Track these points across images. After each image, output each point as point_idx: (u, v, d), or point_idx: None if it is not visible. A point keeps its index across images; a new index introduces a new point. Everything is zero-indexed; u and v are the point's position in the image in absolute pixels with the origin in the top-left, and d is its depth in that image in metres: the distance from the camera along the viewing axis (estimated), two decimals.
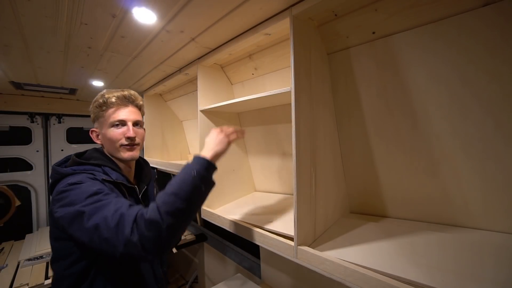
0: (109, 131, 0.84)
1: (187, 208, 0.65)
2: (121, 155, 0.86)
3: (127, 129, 0.86)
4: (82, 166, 0.79)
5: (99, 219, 0.62)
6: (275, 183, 1.31)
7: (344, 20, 0.76)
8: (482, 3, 0.57)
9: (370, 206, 0.95)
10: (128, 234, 0.60)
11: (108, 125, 0.84)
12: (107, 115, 0.85)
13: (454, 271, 0.56)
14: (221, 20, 0.84)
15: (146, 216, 0.62)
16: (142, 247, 0.60)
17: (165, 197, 0.65)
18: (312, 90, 0.78)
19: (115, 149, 0.85)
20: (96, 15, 0.81)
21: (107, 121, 0.85)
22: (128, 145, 0.86)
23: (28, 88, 1.79)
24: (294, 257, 0.73)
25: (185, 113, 1.96)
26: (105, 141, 0.86)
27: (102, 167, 0.81)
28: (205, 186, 0.71)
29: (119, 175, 0.83)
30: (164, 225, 0.61)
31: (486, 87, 0.62)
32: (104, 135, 0.86)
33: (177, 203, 0.63)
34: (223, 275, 1.78)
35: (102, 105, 0.85)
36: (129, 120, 0.87)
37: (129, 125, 0.86)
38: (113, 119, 0.84)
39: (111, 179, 0.78)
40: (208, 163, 0.73)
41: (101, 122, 0.86)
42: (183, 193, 0.65)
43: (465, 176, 0.71)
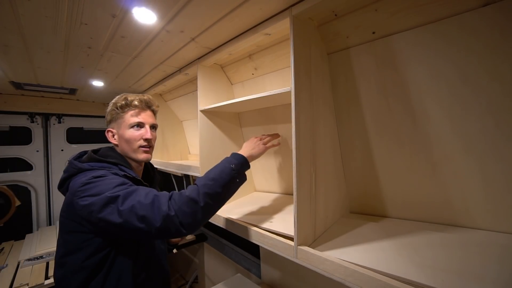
0: (128, 132, 0.88)
1: (223, 194, 0.74)
2: (137, 156, 0.90)
3: (146, 131, 0.91)
4: (100, 163, 0.83)
5: (133, 201, 0.67)
6: (275, 183, 1.31)
7: (344, 20, 0.76)
8: (482, 3, 0.57)
9: (370, 206, 0.95)
10: (166, 209, 0.66)
11: (127, 126, 0.89)
12: (127, 117, 0.89)
13: (454, 271, 0.56)
14: (221, 20, 0.84)
15: (186, 193, 0.69)
16: (179, 222, 0.66)
17: (206, 180, 0.73)
18: (312, 90, 0.78)
19: (132, 150, 0.89)
20: (96, 15, 0.81)
21: (127, 122, 0.89)
22: (145, 146, 0.90)
23: (28, 88, 1.79)
24: (294, 257, 0.73)
25: (185, 113, 1.96)
26: (122, 141, 0.90)
27: (118, 166, 0.84)
28: (239, 178, 0.80)
29: (133, 174, 0.85)
30: (202, 204, 0.69)
31: (487, 87, 0.62)
32: (121, 136, 0.89)
33: (216, 187, 0.72)
34: (223, 275, 1.78)
35: (124, 106, 0.89)
36: (147, 123, 0.92)
37: (147, 128, 0.91)
38: (133, 121, 0.89)
39: (131, 176, 0.82)
40: (245, 160, 0.83)
41: (120, 123, 0.90)
42: (222, 180, 0.74)
43: (466, 176, 0.71)
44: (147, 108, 0.94)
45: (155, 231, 0.66)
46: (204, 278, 2.10)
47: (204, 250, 2.08)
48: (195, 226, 0.69)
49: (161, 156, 1.95)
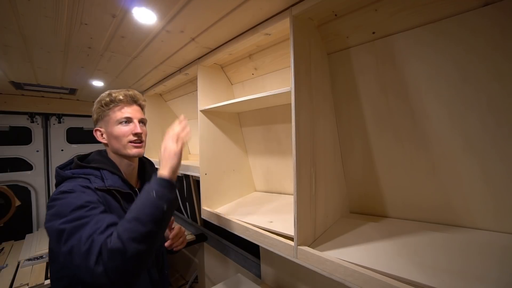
0: (116, 128, 0.86)
1: (151, 231, 0.64)
2: (128, 152, 0.87)
3: (134, 126, 0.88)
4: (82, 170, 0.81)
5: (74, 241, 0.62)
6: (275, 183, 1.31)
7: (344, 20, 0.76)
8: (482, 3, 0.57)
9: (370, 206, 0.95)
10: (93, 264, 0.59)
11: (115, 123, 0.86)
12: (113, 113, 0.87)
13: (455, 271, 0.56)
14: (221, 20, 0.84)
15: (109, 246, 0.60)
16: (108, 278, 0.58)
17: (126, 224, 0.63)
18: (312, 90, 0.78)
19: (122, 146, 0.87)
20: (96, 15, 0.81)
21: (114, 119, 0.86)
22: (135, 141, 0.87)
23: (28, 88, 1.79)
24: (294, 257, 0.73)
25: (185, 113, 1.95)
26: (111, 139, 0.87)
27: (101, 171, 0.82)
28: (168, 204, 0.69)
29: (116, 180, 0.83)
30: (129, 253, 0.59)
31: (487, 86, 0.62)
32: (110, 133, 0.87)
33: (140, 228, 0.62)
34: (223, 275, 1.78)
35: (109, 103, 0.86)
36: (135, 117, 0.89)
37: (135, 122, 0.88)
38: (120, 116, 0.86)
39: (104, 187, 0.77)
40: (166, 182, 0.72)
41: (107, 121, 0.87)
42: (144, 216, 0.64)
43: (466, 176, 0.71)
44: (133, 102, 0.91)
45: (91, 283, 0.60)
46: (204, 278, 2.10)
47: (204, 250, 2.08)
48: (129, 277, 0.61)
49: None
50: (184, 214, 2.53)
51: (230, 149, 1.31)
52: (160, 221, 0.67)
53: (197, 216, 2.22)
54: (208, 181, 1.18)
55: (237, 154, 1.35)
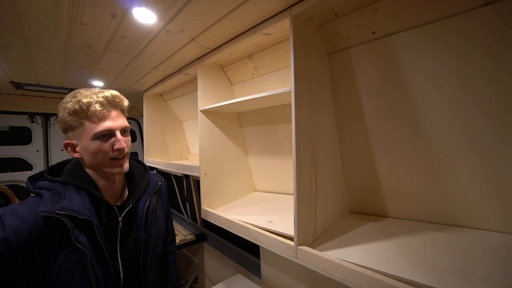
0: (92, 144, 0.70)
1: None
2: (110, 170, 0.73)
3: (116, 140, 0.72)
4: (48, 184, 0.70)
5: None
6: (275, 183, 1.31)
7: (344, 20, 0.76)
8: (482, 3, 0.57)
9: (370, 206, 0.95)
10: None
11: (91, 137, 0.69)
12: (88, 125, 0.69)
13: (455, 271, 0.56)
14: (221, 20, 0.84)
15: None
16: None
17: None
18: (312, 90, 0.78)
19: (102, 164, 0.73)
20: (96, 15, 0.81)
21: (89, 132, 0.69)
22: (117, 158, 0.73)
23: (28, 88, 1.79)
24: (294, 257, 0.73)
25: (185, 113, 1.96)
26: (87, 155, 0.72)
27: (66, 185, 0.70)
28: None
29: (79, 200, 0.69)
30: None
31: (486, 88, 0.62)
32: (85, 149, 0.71)
33: None
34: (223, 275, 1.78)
35: (79, 112, 0.69)
36: (117, 128, 0.72)
37: (117, 135, 0.72)
38: (98, 130, 0.69)
39: (48, 213, 0.63)
40: None
41: (80, 134, 0.70)
42: None
43: (465, 176, 0.71)
44: (112, 108, 0.73)
45: None
46: (204, 278, 2.10)
47: (204, 250, 2.08)
48: None
49: (161, 156, 1.95)
50: (184, 214, 2.53)
51: (230, 149, 1.31)
52: None
53: (197, 216, 2.22)
54: (208, 181, 1.18)
55: (237, 154, 1.35)
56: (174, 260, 1.03)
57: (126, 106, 0.79)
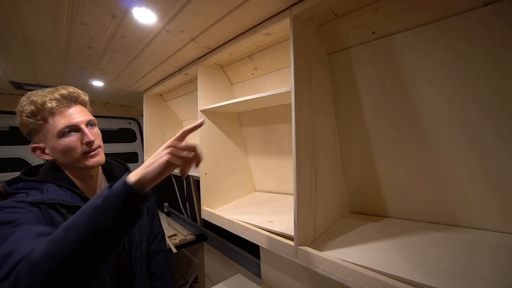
0: (60, 142, 0.69)
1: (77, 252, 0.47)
2: (84, 164, 0.73)
3: (84, 134, 0.71)
4: (24, 184, 0.70)
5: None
6: (275, 183, 1.31)
7: (344, 20, 0.76)
8: (482, 3, 0.57)
9: (370, 206, 0.95)
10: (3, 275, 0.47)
11: (56, 136, 0.69)
12: (50, 124, 0.69)
13: (455, 271, 0.56)
14: (221, 20, 0.84)
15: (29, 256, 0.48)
16: None
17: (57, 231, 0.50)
18: (312, 90, 0.78)
19: (75, 160, 0.72)
20: (96, 15, 0.81)
21: (53, 131, 0.69)
22: (89, 151, 0.73)
23: (28, 88, 1.79)
24: (294, 257, 0.73)
25: (185, 113, 1.96)
26: (57, 154, 0.71)
27: (44, 184, 0.69)
28: (115, 220, 0.48)
29: (61, 193, 0.69)
30: (40, 269, 0.46)
31: (486, 88, 0.62)
32: (54, 148, 0.70)
33: (64, 243, 0.47)
34: (223, 275, 1.78)
35: (36, 113, 0.68)
36: (80, 122, 0.72)
37: (83, 128, 0.72)
38: (61, 127, 0.69)
39: (39, 201, 0.64)
40: (126, 190, 0.49)
41: (44, 135, 0.70)
42: (77, 229, 0.48)
43: (465, 176, 0.71)
44: (71, 103, 0.72)
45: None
46: (204, 278, 2.10)
47: (204, 250, 2.08)
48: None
49: None
50: (184, 214, 2.53)
51: (230, 149, 1.31)
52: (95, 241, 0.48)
53: (197, 216, 2.22)
54: (208, 181, 1.18)
55: (237, 154, 1.35)
56: (165, 258, 1.04)
57: (86, 100, 0.78)
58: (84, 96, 0.78)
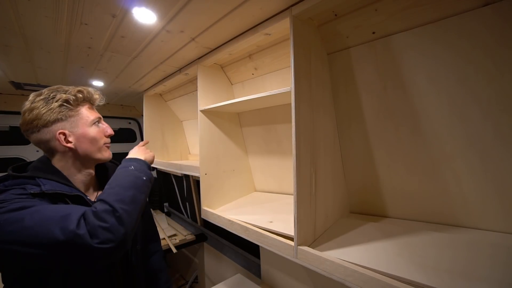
0: (91, 129, 0.78)
1: (134, 195, 0.68)
2: (103, 155, 0.81)
3: (107, 127, 0.84)
4: (14, 181, 0.69)
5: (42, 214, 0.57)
6: (275, 183, 1.31)
7: (344, 20, 0.76)
8: (482, 3, 0.57)
9: (370, 206, 0.95)
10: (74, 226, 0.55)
11: (89, 123, 0.78)
12: (85, 112, 0.78)
13: (455, 271, 0.56)
14: (221, 20, 0.84)
15: (94, 210, 0.60)
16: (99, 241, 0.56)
17: (108, 190, 0.67)
18: (312, 90, 0.78)
19: (97, 150, 0.79)
20: (96, 15, 0.81)
21: (87, 119, 0.78)
22: (107, 144, 0.84)
23: (28, 88, 1.79)
24: (294, 257, 0.73)
25: (185, 113, 1.96)
26: (84, 142, 0.76)
27: (36, 179, 0.70)
28: (145, 176, 0.75)
29: (57, 184, 0.71)
30: (118, 212, 0.61)
31: (486, 87, 0.62)
32: (83, 135, 0.76)
33: (124, 192, 0.66)
34: (223, 275, 1.78)
35: (75, 100, 0.76)
36: (101, 117, 0.84)
37: (103, 123, 0.84)
38: (94, 117, 0.79)
39: (40, 192, 0.66)
40: (140, 160, 0.81)
41: (75, 121, 0.75)
42: (126, 183, 0.69)
43: (465, 176, 0.71)
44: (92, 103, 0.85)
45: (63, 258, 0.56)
46: (204, 278, 2.10)
47: (204, 250, 2.08)
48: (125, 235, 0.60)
49: (161, 156, 1.95)
50: (184, 214, 2.53)
51: (230, 149, 1.31)
52: (141, 188, 0.72)
53: (197, 216, 2.22)
54: (208, 181, 1.18)
55: (237, 154, 1.35)
56: (160, 258, 1.04)
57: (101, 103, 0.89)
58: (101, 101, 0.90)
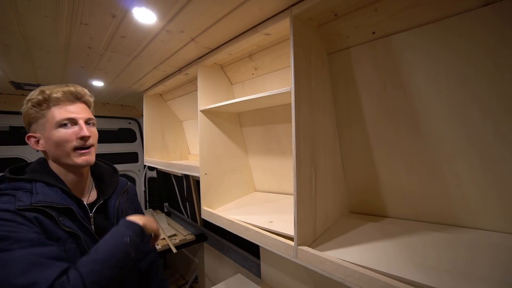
0: (55, 132, 0.71)
1: (115, 276, 0.62)
2: (73, 161, 0.73)
3: (80, 128, 0.73)
4: (11, 184, 0.68)
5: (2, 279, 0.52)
6: (275, 183, 1.31)
7: (344, 20, 0.76)
8: (482, 3, 0.57)
9: (370, 206, 0.95)
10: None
11: (53, 126, 0.71)
12: (51, 114, 0.71)
13: (455, 271, 0.56)
14: (221, 20, 0.84)
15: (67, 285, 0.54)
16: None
17: (93, 265, 0.60)
18: (312, 90, 0.78)
19: (65, 154, 0.72)
20: (96, 15, 0.81)
21: (52, 121, 0.71)
22: (81, 148, 0.74)
23: (28, 88, 1.79)
24: (294, 257, 0.73)
25: (185, 113, 1.96)
26: (50, 146, 0.72)
27: (33, 183, 0.68)
28: (135, 252, 0.68)
29: (51, 193, 0.69)
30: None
31: (486, 87, 0.62)
32: (48, 139, 0.72)
33: (106, 272, 0.60)
34: (223, 275, 1.78)
35: (42, 102, 0.71)
36: (80, 118, 0.74)
37: (81, 124, 0.74)
38: (61, 117, 0.71)
39: (28, 207, 0.63)
40: (141, 229, 0.73)
41: (42, 124, 0.72)
42: (114, 261, 0.62)
43: (465, 176, 0.71)
44: (76, 99, 0.76)
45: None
46: (204, 278, 2.10)
47: (204, 250, 2.08)
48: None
49: (161, 156, 1.95)
50: (184, 214, 2.54)
51: (230, 149, 1.31)
52: (125, 267, 0.66)
53: (197, 216, 2.22)
54: (208, 181, 1.18)
55: (237, 154, 1.35)
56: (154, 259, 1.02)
57: (91, 101, 0.82)
58: (90, 98, 0.81)
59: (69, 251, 0.66)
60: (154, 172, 2.88)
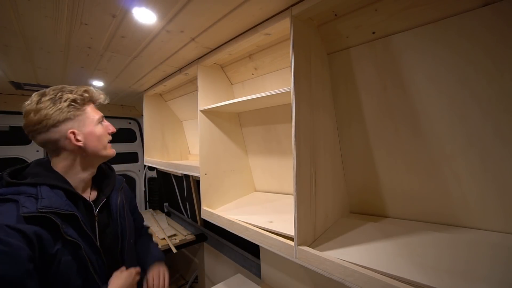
0: (97, 128, 0.81)
1: None
2: (108, 153, 0.84)
3: (109, 124, 0.86)
4: (12, 188, 0.67)
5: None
6: (275, 183, 1.31)
7: (344, 20, 0.76)
8: (482, 3, 0.57)
9: (370, 206, 0.95)
10: None
11: (95, 122, 0.80)
12: (90, 111, 0.80)
13: (455, 271, 0.56)
14: (221, 20, 0.84)
15: None
16: None
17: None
18: (312, 90, 0.78)
19: (103, 147, 0.82)
20: (96, 15, 0.81)
21: (93, 118, 0.80)
22: (109, 142, 0.86)
23: (28, 88, 1.79)
24: (294, 257, 0.73)
25: (185, 113, 1.96)
26: (91, 140, 0.78)
27: (38, 187, 0.68)
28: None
29: (57, 197, 0.68)
30: None
31: (486, 87, 0.62)
32: (91, 134, 0.78)
33: None
34: (223, 275, 1.78)
35: (82, 100, 0.78)
36: (103, 116, 0.87)
37: (105, 121, 0.86)
38: (99, 115, 0.83)
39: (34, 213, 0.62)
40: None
41: (83, 120, 0.77)
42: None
43: (465, 176, 0.71)
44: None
45: None
46: (204, 278, 2.10)
47: (204, 250, 2.08)
48: None
49: (161, 156, 1.95)
50: (184, 214, 2.54)
51: (230, 149, 1.31)
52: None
53: (197, 216, 2.22)
54: (208, 181, 1.18)
55: (237, 154, 1.35)
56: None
57: None
58: None
59: (65, 264, 0.66)
60: (154, 172, 2.88)
